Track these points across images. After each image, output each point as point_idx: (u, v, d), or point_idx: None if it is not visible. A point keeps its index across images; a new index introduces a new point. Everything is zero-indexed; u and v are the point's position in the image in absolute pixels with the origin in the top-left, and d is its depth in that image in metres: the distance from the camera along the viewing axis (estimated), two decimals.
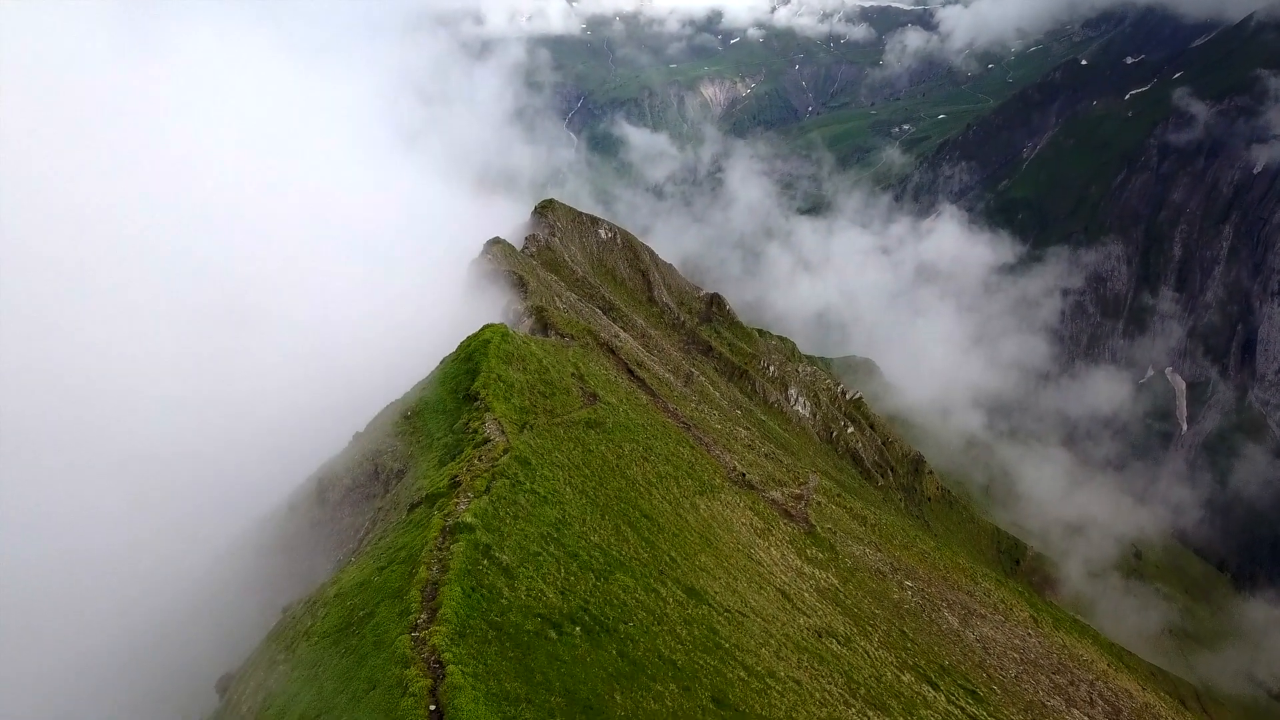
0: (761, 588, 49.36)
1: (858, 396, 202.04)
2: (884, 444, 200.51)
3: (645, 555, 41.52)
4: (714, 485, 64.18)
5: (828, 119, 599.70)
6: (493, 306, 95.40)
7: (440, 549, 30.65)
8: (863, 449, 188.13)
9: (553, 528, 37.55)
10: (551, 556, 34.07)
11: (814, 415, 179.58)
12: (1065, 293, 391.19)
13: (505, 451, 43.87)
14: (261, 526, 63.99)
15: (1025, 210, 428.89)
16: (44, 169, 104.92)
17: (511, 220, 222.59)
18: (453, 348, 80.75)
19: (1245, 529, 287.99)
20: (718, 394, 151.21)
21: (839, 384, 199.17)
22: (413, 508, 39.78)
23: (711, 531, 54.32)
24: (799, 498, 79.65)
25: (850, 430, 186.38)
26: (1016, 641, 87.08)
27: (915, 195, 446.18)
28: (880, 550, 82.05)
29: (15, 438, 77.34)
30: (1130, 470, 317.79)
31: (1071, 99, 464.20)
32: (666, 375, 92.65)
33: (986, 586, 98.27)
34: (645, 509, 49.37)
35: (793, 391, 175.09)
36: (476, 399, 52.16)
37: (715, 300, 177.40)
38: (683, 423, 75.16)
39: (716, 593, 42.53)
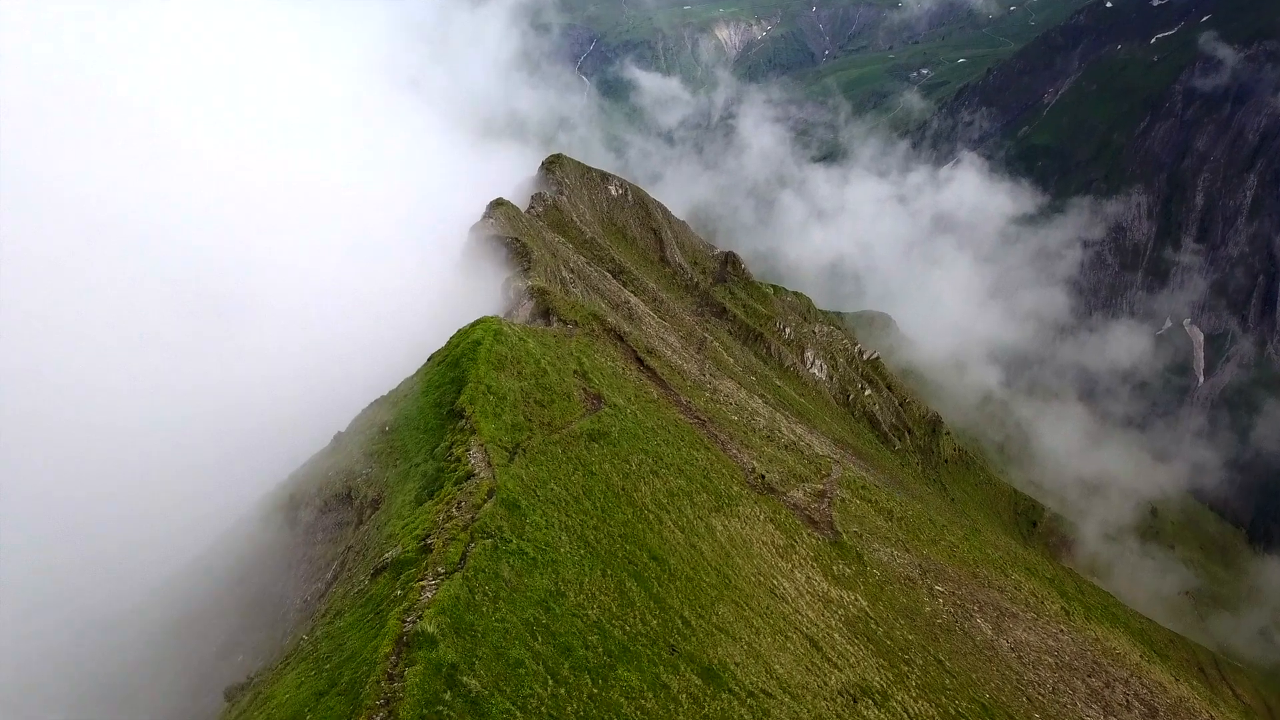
0: (787, 639, 42.60)
1: (875, 357, 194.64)
2: (901, 405, 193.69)
3: (654, 624, 34.67)
4: (731, 496, 57.27)
5: (844, 63, 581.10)
6: (491, 284, 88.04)
7: (392, 674, 23.78)
8: (879, 411, 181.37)
9: (541, 607, 30.64)
10: (536, 661, 27.17)
11: (830, 378, 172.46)
12: (1084, 244, 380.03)
13: (490, 495, 36.86)
14: (233, 536, 57.54)
15: (1045, 157, 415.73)
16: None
17: (518, 173, 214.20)
18: (448, 329, 73.57)
19: (1265, 487, 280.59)
20: (732, 360, 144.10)
21: (856, 344, 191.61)
22: (377, 573, 32.95)
23: (729, 563, 47.50)
24: (822, 495, 72.83)
25: (868, 393, 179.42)
26: (1050, 642, 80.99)
27: (933, 142, 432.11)
28: (909, 550, 75.39)
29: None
30: (1148, 426, 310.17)
31: (1095, 43, 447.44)
32: (679, 362, 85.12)
33: (1016, 578, 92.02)
34: (654, 547, 42.50)
35: (809, 354, 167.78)
36: (462, 416, 45.08)
37: (730, 259, 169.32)
38: (696, 418, 68.08)
39: (737, 664, 35.75)
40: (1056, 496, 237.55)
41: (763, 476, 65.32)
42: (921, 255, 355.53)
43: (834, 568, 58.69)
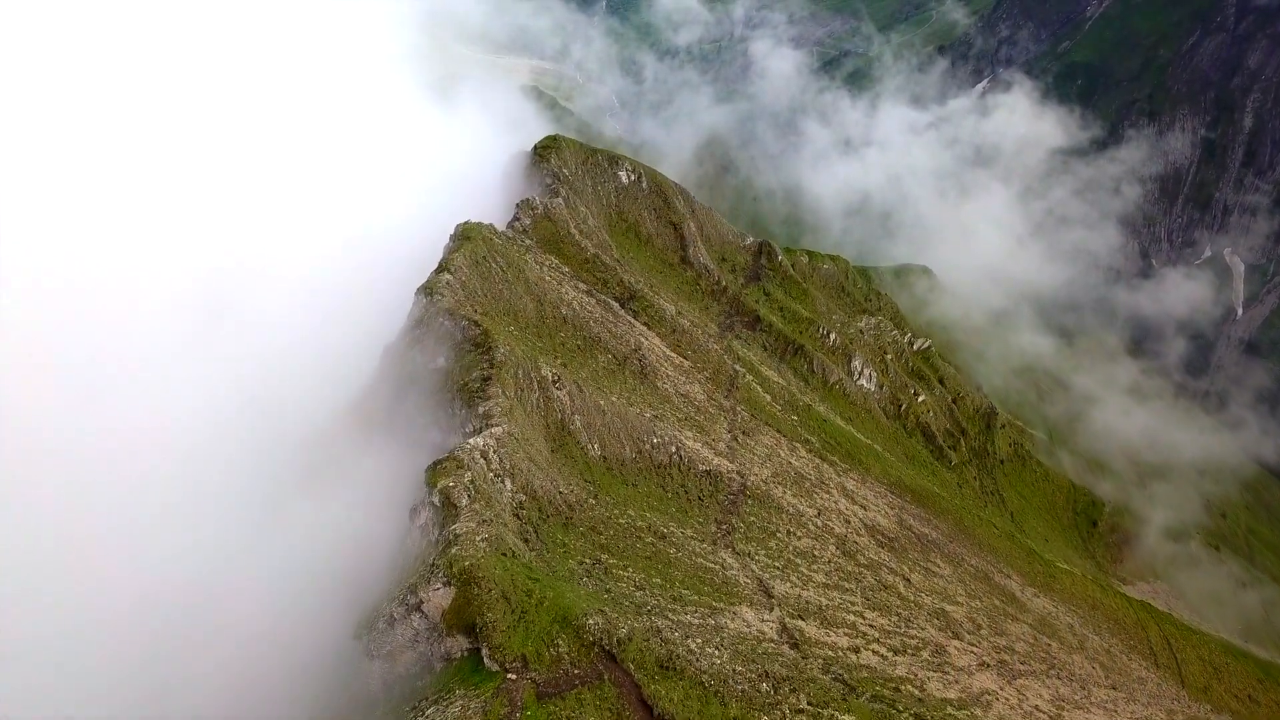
0: None
1: (926, 347, 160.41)
2: (954, 401, 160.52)
3: None
4: None
5: None
6: (425, 429, 54.76)
7: None
8: (933, 419, 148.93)
9: None
10: None
11: (880, 388, 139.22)
12: (1130, 171, 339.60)
13: None
14: None
15: (1086, 75, 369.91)
16: None
17: (511, 133, 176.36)
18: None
19: None
20: (768, 396, 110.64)
21: (906, 334, 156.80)
22: None
23: None
24: None
25: (921, 399, 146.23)
26: None
27: (969, 61, 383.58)
28: None
29: None
30: (1201, 386, 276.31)
31: None
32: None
33: (1139, 672, 61.35)
34: None
35: (856, 363, 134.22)
36: None
37: (764, 250, 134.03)
38: None
39: None
40: (1112, 475, 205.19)
41: None
42: (955, 189, 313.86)
43: None
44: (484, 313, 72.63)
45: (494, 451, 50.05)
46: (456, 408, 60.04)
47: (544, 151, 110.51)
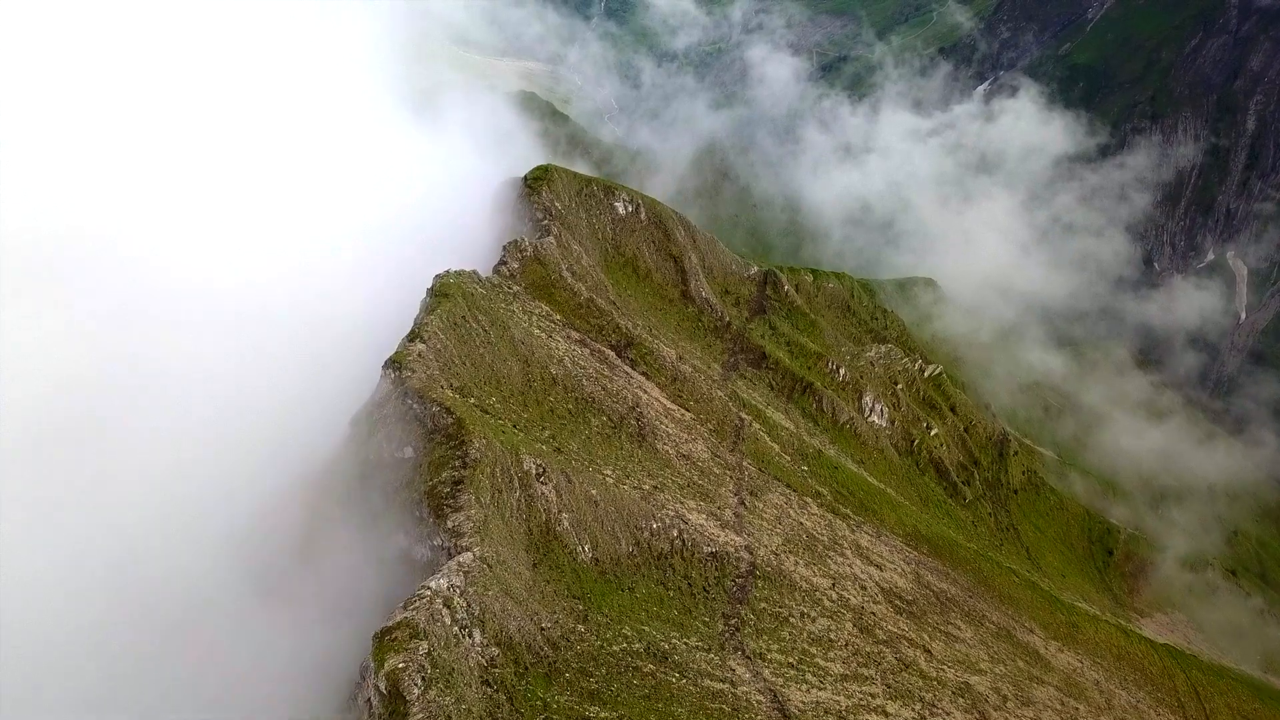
0: None
1: (938, 373, 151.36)
2: (966, 431, 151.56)
3: None
4: None
5: None
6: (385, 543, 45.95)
7: None
8: (945, 453, 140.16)
9: None
10: None
11: (892, 423, 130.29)
12: (1127, 175, 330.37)
13: None
14: None
15: (1087, 78, 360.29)
16: None
17: (506, 140, 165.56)
18: None
19: None
20: (777, 446, 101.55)
21: (916, 361, 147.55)
22: None
23: None
24: None
25: (933, 432, 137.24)
26: None
27: (973, 64, 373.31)
28: None
29: None
30: (1212, 392, 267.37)
31: None
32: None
33: None
34: None
35: (867, 399, 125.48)
36: None
37: (769, 281, 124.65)
38: None
39: None
40: (1124, 497, 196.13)
41: None
42: (959, 197, 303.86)
43: None
44: (461, 386, 63.49)
45: (460, 595, 40.97)
46: (424, 513, 51.16)
47: (535, 183, 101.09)
